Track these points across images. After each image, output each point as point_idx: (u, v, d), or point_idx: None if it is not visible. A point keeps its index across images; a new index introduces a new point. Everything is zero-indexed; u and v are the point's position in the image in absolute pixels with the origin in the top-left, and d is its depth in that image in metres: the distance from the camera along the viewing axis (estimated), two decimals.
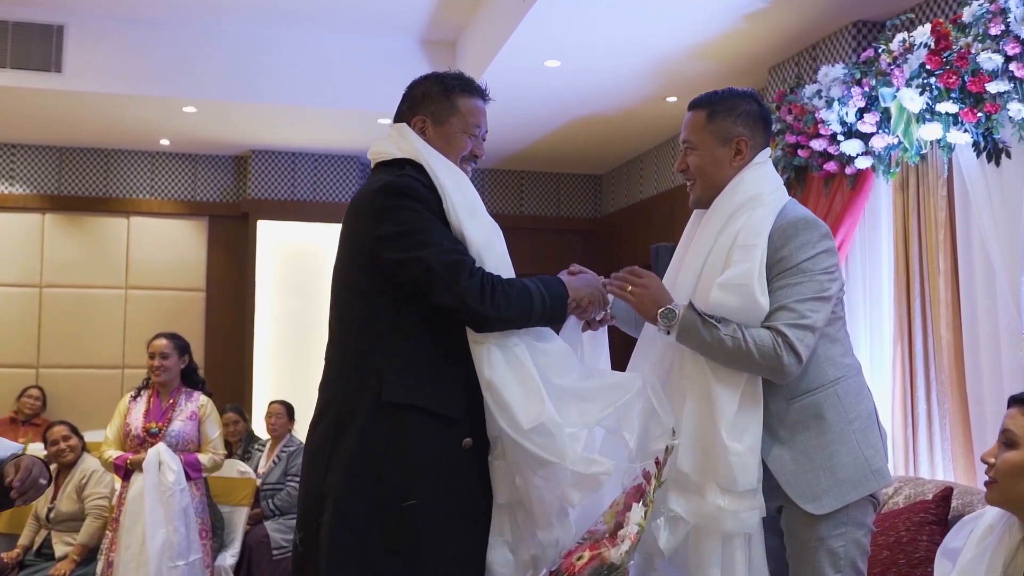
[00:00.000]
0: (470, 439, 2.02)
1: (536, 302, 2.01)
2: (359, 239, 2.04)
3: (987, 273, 3.56)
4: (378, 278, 2.01)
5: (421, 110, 2.16)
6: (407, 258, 1.96)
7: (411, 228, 1.97)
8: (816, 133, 4.35)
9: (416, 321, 2.01)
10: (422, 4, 5.87)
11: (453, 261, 1.96)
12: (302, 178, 7.81)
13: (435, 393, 1.99)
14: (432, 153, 2.09)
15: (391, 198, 1.99)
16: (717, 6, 4.59)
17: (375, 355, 2.01)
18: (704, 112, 2.21)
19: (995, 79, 3.34)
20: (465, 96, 2.18)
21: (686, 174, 2.26)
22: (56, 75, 6.04)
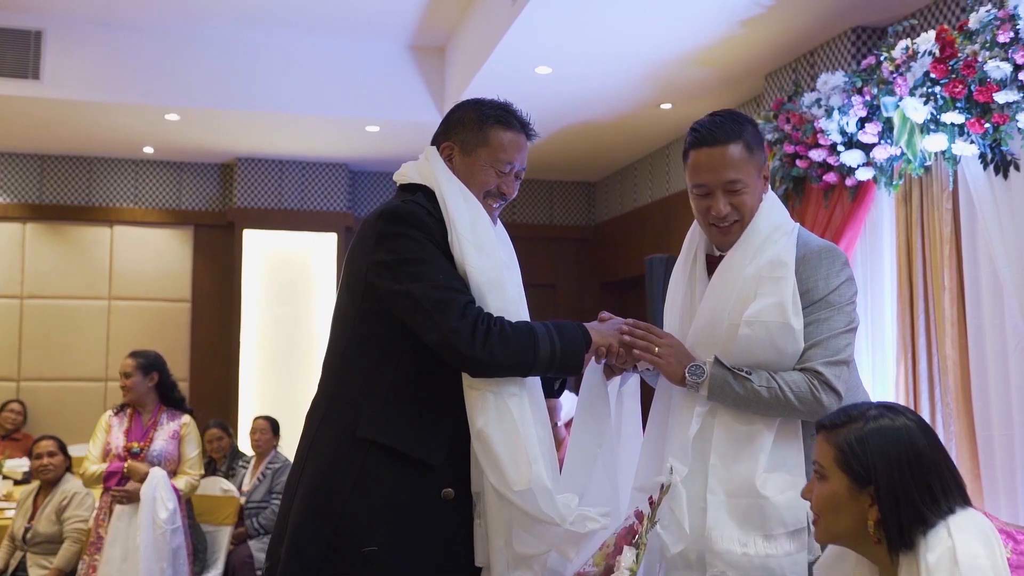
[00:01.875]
0: (451, 490, 1.88)
1: (542, 348, 1.86)
2: (357, 263, 1.96)
3: (994, 290, 3.45)
4: (370, 305, 1.91)
5: (452, 136, 2.04)
6: (398, 290, 1.85)
7: (406, 258, 1.87)
8: (815, 143, 4.23)
9: (406, 354, 1.89)
10: (410, 9, 5.76)
11: (444, 298, 1.83)
12: (289, 186, 7.68)
13: (415, 436, 1.86)
14: (449, 181, 1.97)
15: (391, 224, 1.90)
16: (714, 11, 4.49)
17: (355, 385, 1.91)
18: (741, 145, 1.99)
19: (1003, 88, 3.24)
20: (500, 128, 2.03)
21: (728, 216, 2.01)
22: (34, 82, 5.90)
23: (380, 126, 6.63)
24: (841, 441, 1.55)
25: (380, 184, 8.15)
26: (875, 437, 1.53)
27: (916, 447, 1.52)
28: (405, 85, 6.38)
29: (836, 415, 1.62)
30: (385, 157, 7.53)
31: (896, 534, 1.49)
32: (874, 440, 1.52)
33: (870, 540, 1.53)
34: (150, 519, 4.08)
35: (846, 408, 1.63)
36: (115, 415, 4.38)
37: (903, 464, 1.50)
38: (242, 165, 7.62)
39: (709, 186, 1.99)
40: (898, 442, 1.52)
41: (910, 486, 1.49)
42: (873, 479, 1.51)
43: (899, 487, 1.49)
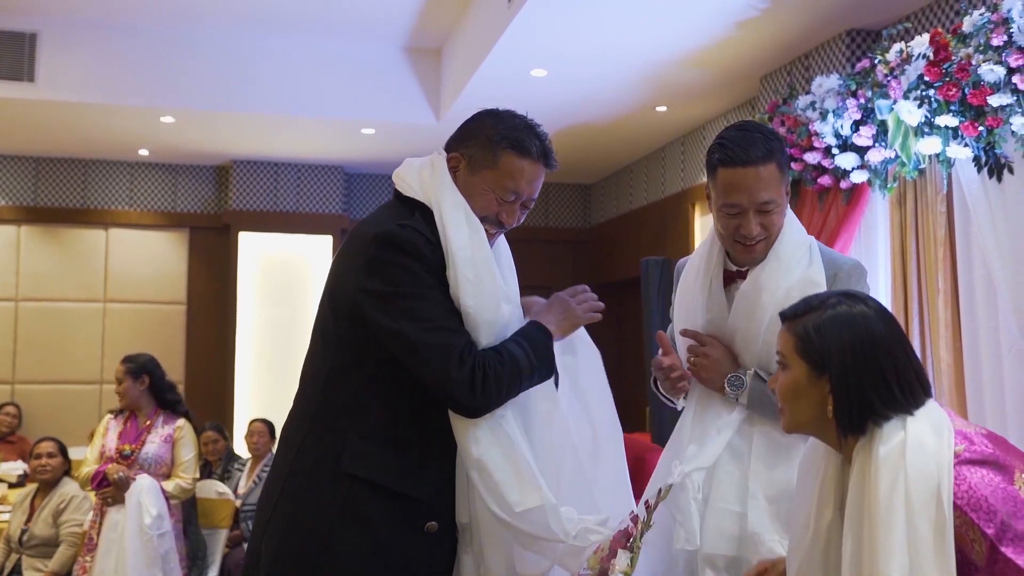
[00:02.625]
0: (435, 523, 1.82)
1: (524, 368, 1.82)
2: (343, 283, 1.84)
3: (989, 293, 3.46)
4: (357, 332, 1.81)
5: (464, 148, 1.89)
6: (392, 328, 1.76)
7: (399, 292, 1.76)
8: (810, 146, 4.24)
9: (393, 386, 1.81)
10: (406, 11, 5.75)
11: (440, 343, 1.75)
12: (285, 188, 7.68)
13: (403, 471, 1.79)
14: (453, 203, 1.83)
15: (385, 251, 1.77)
16: (709, 13, 4.49)
17: (340, 412, 1.81)
18: (774, 165, 1.92)
19: (997, 92, 3.24)
20: (513, 154, 1.86)
21: (759, 235, 1.96)
22: (29, 84, 5.89)
23: (376, 128, 6.63)
24: (800, 329, 1.57)
25: (376, 186, 8.15)
26: (832, 324, 1.54)
27: (871, 333, 1.52)
28: (401, 87, 6.38)
29: (798, 305, 1.63)
30: (381, 159, 7.53)
31: (846, 419, 1.52)
32: (830, 327, 1.54)
33: (832, 427, 1.55)
34: (136, 525, 4.07)
35: (808, 298, 1.64)
36: (114, 418, 4.41)
37: (856, 349, 1.51)
38: (238, 167, 7.61)
39: (742, 206, 1.92)
40: (853, 328, 1.53)
41: (861, 371, 1.51)
42: (828, 365, 1.53)
43: (851, 372, 1.51)
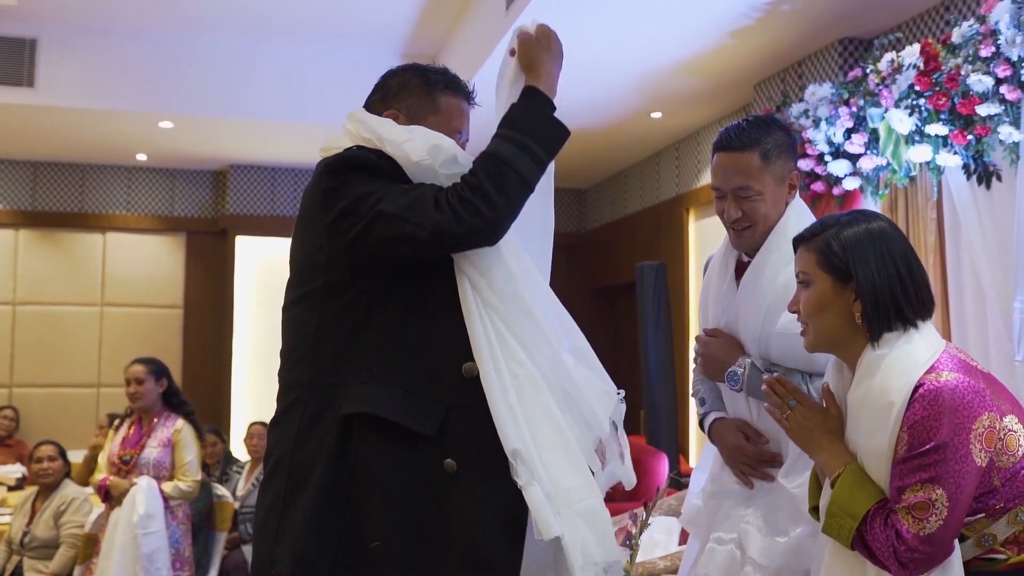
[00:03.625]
0: (452, 461, 1.64)
1: (506, 155, 1.67)
2: (309, 240, 1.75)
3: (977, 298, 3.53)
4: (337, 275, 1.70)
5: (395, 104, 1.84)
6: (362, 227, 1.64)
7: (362, 194, 1.66)
8: (803, 153, 4.30)
9: (385, 322, 1.68)
10: (403, 17, 5.80)
11: (412, 197, 1.65)
12: (282, 193, 7.73)
13: (404, 405, 1.64)
14: (386, 123, 1.75)
15: (335, 175, 1.68)
16: (703, 22, 4.55)
17: (333, 368, 1.69)
18: (756, 154, 2.01)
19: (985, 101, 3.30)
20: (449, 95, 1.87)
21: (739, 221, 2.04)
22: (28, 90, 5.93)
23: None
24: (820, 244, 1.68)
25: None
26: (851, 236, 1.65)
27: (887, 240, 1.66)
28: None
29: (811, 227, 1.73)
30: None
31: (875, 320, 1.62)
32: (851, 239, 1.65)
33: (857, 335, 1.65)
34: (125, 522, 4.08)
35: (821, 220, 1.74)
36: (119, 425, 4.40)
37: (877, 255, 1.63)
38: (235, 172, 7.66)
39: (722, 190, 2.04)
40: (872, 237, 1.65)
41: (884, 273, 1.63)
42: (853, 273, 1.63)
43: (875, 275, 1.62)
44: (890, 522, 1.54)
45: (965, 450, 1.52)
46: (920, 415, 1.53)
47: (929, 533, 1.51)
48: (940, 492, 1.51)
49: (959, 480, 1.52)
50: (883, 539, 1.53)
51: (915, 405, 1.54)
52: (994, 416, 1.56)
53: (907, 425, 1.54)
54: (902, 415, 1.55)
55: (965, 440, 1.52)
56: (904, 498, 1.53)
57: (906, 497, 1.53)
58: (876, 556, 1.56)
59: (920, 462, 1.52)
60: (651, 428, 5.56)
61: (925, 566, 1.53)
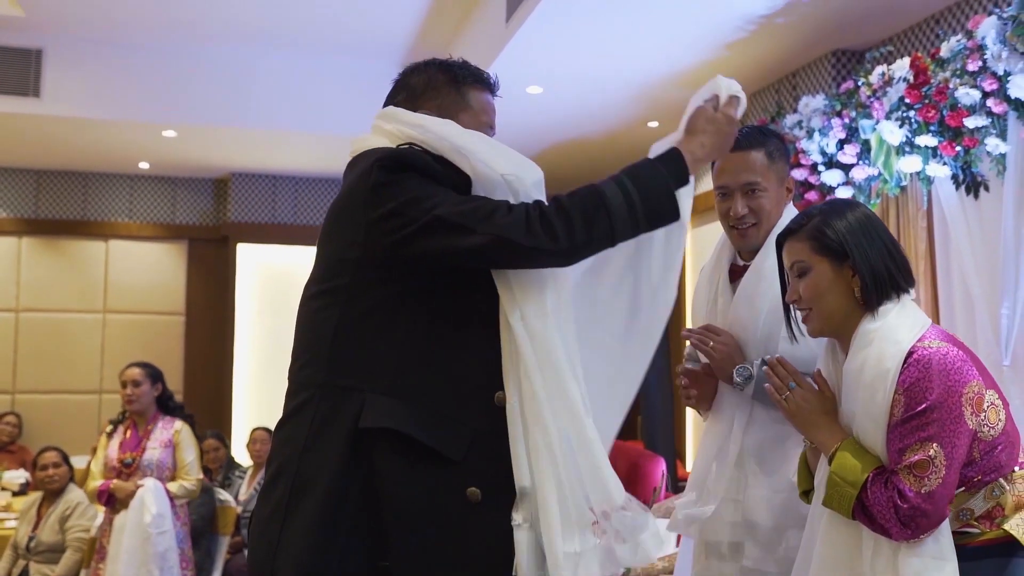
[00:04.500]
0: (477, 489, 1.53)
1: (611, 200, 1.55)
2: (344, 234, 1.62)
3: (967, 305, 3.61)
4: (370, 273, 1.58)
5: (424, 103, 1.73)
6: (419, 225, 1.52)
7: (416, 196, 1.54)
8: (797, 163, 4.39)
9: (415, 329, 1.56)
10: (404, 29, 5.88)
11: (477, 206, 1.54)
12: (283, 201, 7.80)
13: (429, 423, 1.53)
14: (435, 120, 1.65)
15: (389, 172, 1.56)
16: (699, 35, 4.64)
17: (353, 370, 1.57)
18: (763, 152, 2.08)
19: (973, 114, 3.39)
20: (477, 89, 1.78)
21: (746, 218, 2.07)
22: (34, 99, 6.00)
23: None
24: (812, 231, 1.77)
25: None
26: (837, 219, 1.76)
27: (868, 216, 1.77)
28: None
29: (795, 221, 1.83)
30: None
31: (876, 294, 1.73)
32: (836, 220, 1.76)
33: (856, 311, 1.75)
34: (136, 523, 4.12)
35: (801, 213, 1.85)
36: (113, 430, 4.42)
37: (864, 230, 1.74)
38: (236, 180, 7.73)
39: (729, 187, 2.09)
40: (855, 215, 1.76)
41: (876, 249, 1.73)
42: (849, 251, 1.73)
43: (870, 251, 1.73)
44: (891, 483, 1.61)
45: (958, 411, 1.61)
46: (914, 377, 1.62)
47: (929, 490, 1.58)
48: (937, 449, 1.59)
49: (954, 439, 1.60)
50: (884, 500, 1.60)
51: (909, 369, 1.63)
52: (980, 384, 1.65)
53: (902, 388, 1.63)
54: (896, 379, 1.64)
55: (957, 402, 1.61)
56: (905, 458, 1.61)
57: (906, 457, 1.60)
58: (876, 520, 1.62)
59: (917, 422, 1.60)
60: (648, 433, 5.64)
61: (926, 525, 1.60)
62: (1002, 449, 1.68)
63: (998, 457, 1.68)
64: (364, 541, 1.52)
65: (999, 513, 1.68)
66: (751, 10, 4.33)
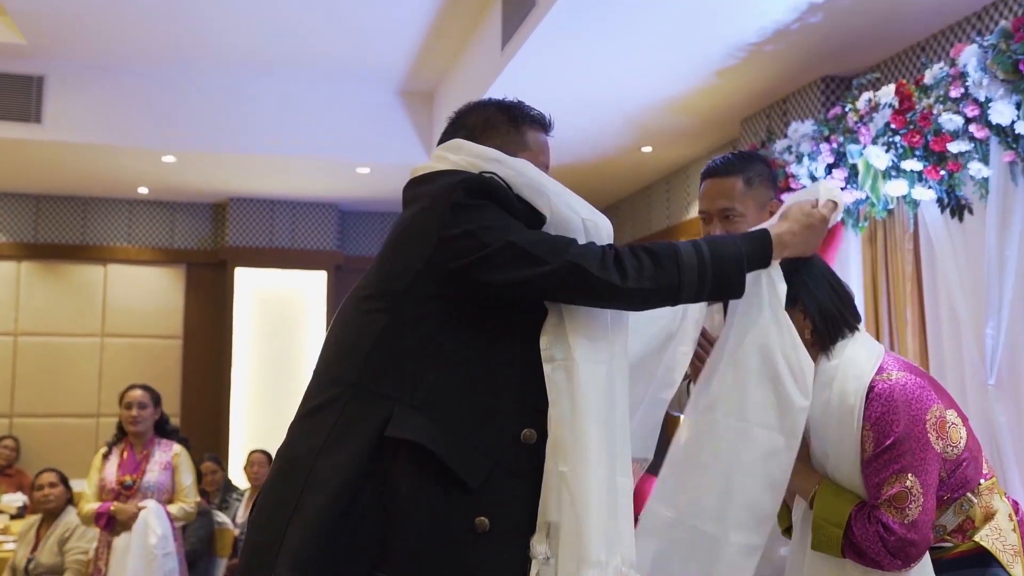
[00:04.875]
0: (486, 519, 1.52)
1: (685, 261, 1.57)
2: (412, 244, 1.62)
3: (953, 325, 3.67)
4: (425, 287, 1.59)
5: (483, 142, 1.73)
6: (494, 248, 1.54)
7: (492, 223, 1.56)
8: (787, 187, 4.47)
9: (458, 348, 1.57)
10: (401, 55, 5.98)
11: (546, 238, 1.57)
12: (280, 225, 7.87)
13: (455, 444, 1.53)
14: (507, 157, 1.66)
15: (472, 195, 1.58)
16: (691, 61, 4.73)
17: (388, 377, 1.56)
18: (740, 179, 2.14)
19: (956, 139, 3.47)
20: (535, 129, 1.80)
21: None
22: (35, 125, 6.09)
23: (370, 168, 6.83)
24: None
25: (370, 224, 8.35)
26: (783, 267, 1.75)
27: (814, 263, 1.80)
28: (395, 129, 6.61)
29: None
30: (375, 198, 7.74)
31: (828, 334, 1.77)
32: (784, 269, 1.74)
33: (812, 353, 1.76)
34: (140, 545, 4.14)
35: None
36: (108, 452, 4.42)
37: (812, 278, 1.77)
38: (235, 205, 7.80)
39: (709, 212, 2.16)
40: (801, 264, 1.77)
41: (822, 291, 1.77)
42: (796, 295, 1.75)
43: (817, 294, 1.77)
44: (874, 518, 1.65)
45: (924, 439, 1.66)
46: (879, 412, 1.67)
47: (912, 520, 1.63)
48: (913, 478, 1.64)
49: (925, 466, 1.65)
50: (871, 535, 1.64)
51: (873, 404, 1.68)
52: (940, 407, 1.71)
53: (869, 423, 1.68)
54: (862, 414, 1.69)
55: (923, 430, 1.67)
56: (884, 492, 1.65)
57: (885, 491, 1.65)
58: (867, 555, 1.66)
59: (889, 456, 1.65)
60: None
61: (915, 554, 1.64)
62: (967, 465, 1.73)
63: (964, 473, 1.73)
64: (367, 548, 1.51)
65: (970, 526, 1.74)
66: (741, 38, 4.42)
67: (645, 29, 4.32)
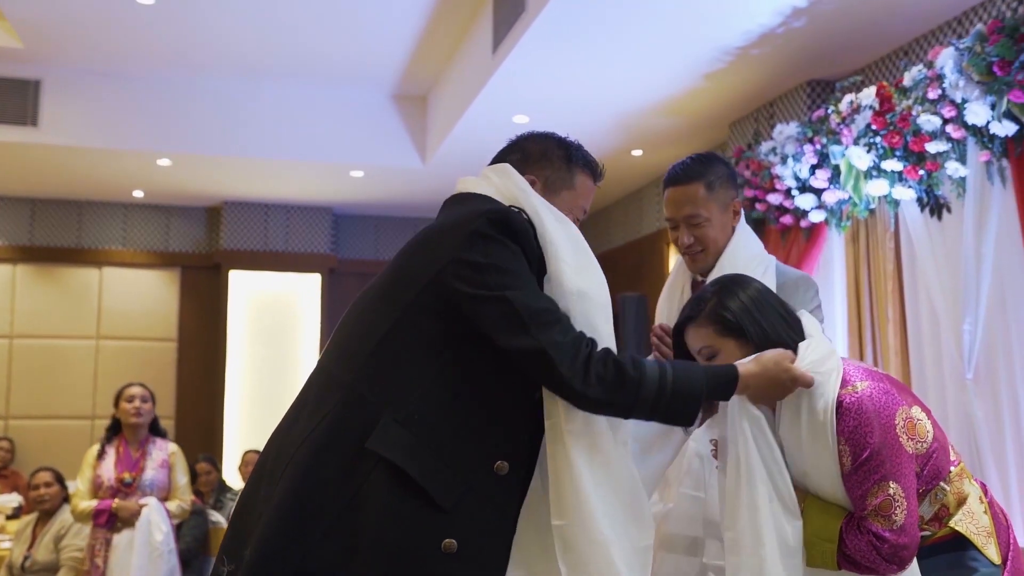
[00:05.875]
0: (454, 541, 1.56)
1: (646, 387, 1.61)
2: (429, 254, 1.68)
3: (932, 321, 3.74)
4: (429, 300, 1.64)
5: (535, 170, 1.84)
6: (487, 295, 1.59)
7: (500, 266, 1.62)
8: (772, 188, 4.54)
9: (449, 367, 1.62)
10: (394, 60, 6.04)
11: (545, 309, 1.61)
12: (274, 229, 7.92)
13: (432, 466, 1.57)
14: (541, 201, 1.74)
15: (494, 227, 1.64)
16: (678, 65, 4.79)
17: (380, 384, 1.61)
18: (702, 184, 2.22)
19: (934, 139, 3.55)
20: (585, 174, 1.90)
21: (693, 247, 2.24)
22: (32, 129, 6.14)
23: (364, 171, 6.90)
24: (711, 315, 1.83)
25: (364, 227, 8.41)
26: (730, 299, 1.82)
27: (761, 294, 1.84)
28: (389, 132, 6.67)
29: (690, 309, 1.88)
30: (368, 201, 7.81)
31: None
32: (731, 301, 1.82)
33: None
34: (145, 542, 4.18)
35: (693, 298, 1.90)
36: (102, 450, 4.43)
37: (759, 307, 1.81)
38: (229, 208, 7.85)
39: (675, 219, 2.25)
40: (746, 292, 1.83)
41: (769, 320, 1.81)
42: (744, 328, 1.79)
43: (764, 324, 1.80)
44: (864, 528, 1.69)
45: (897, 444, 1.72)
46: (852, 426, 1.71)
47: (901, 525, 1.67)
48: (895, 485, 1.69)
49: (903, 470, 1.71)
50: (864, 546, 1.68)
51: (844, 418, 1.72)
52: (905, 408, 1.76)
53: (844, 438, 1.72)
54: (835, 429, 1.72)
55: (894, 437, 1.72)
56: (868, 503, 1.69)
57: (870, 501, 1.69)
58: (862, 564, 1.70)
59: (868, 467, 1.69)
60: None
61: (909, 556, 1.69)
62: (937, 455, 1.79)
63: (935, 464, 1.79)
64: (334, 549, 1.55)
65: (945, 513, 1.80)
66: (727, 41, 4.49)
67: (633, 33, 4.39)
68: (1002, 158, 3.36)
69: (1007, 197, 3.37)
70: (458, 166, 6.65)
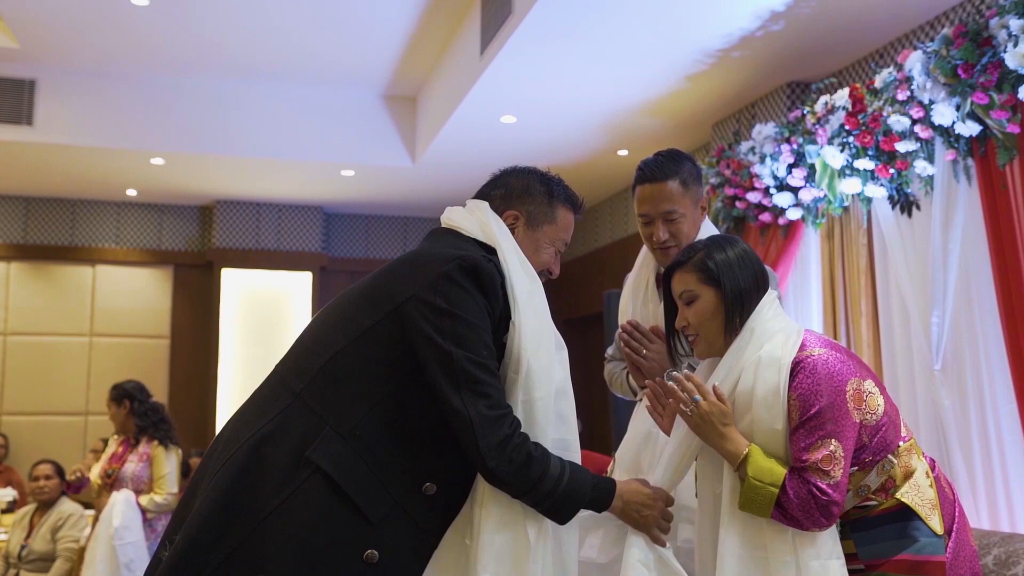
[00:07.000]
0: (376, 552, 1.66)
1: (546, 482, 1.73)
2: (398, 282, 1.77)
3: (902, 315, 3.86)
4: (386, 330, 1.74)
5: (518, 205, 1.93)
6: (435, 341, 1.69)
7: (458, 315, 1.70)
8: (751, 186, 4.66)
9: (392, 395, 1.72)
10: (384, 60, 6.14)
11: (483, 379, 1.70)
12: (266, 227, 8.01)
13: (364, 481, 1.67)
14: (514, 252, 1.84)
15: (464, 276, 1.73)
16: (660, 67, 4.90)
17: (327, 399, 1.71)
18: (677, 181, 2.29)
19: (904, 139, 3.67)
20: (567, 208, 1.98)
21: (667, 242, 2.30)
22: (27, 127, 6.22)
23: (355, 171, 6.99)
24: (697, 263, 1.98)
25: (354, 225, 8.50)
26: (718, 252, 1.97)
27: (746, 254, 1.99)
28: (378, 132, 6.77)
29: (682, 255, 2.03)
30: (359, 200, 7.91)
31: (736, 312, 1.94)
32: (718, 254, 1.97)
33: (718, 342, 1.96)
34: (104, 534, 4.33)
35: (686, 248, 2.06)
36: (116, 441, 4.70)
37: (741, 265, 1.96)
38: (221, 207, 7.94)
39: (651, 215, 2.30)
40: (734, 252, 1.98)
41: (745, 276, 1.96)
42: (721, 280, 1.95)
43: (739, 278, 1.95)
44: (804, 479, 1.80)
45: (844, 408, 1.84)
46: (804, 384, 1.84)
47: (836, 481, 1.79)
48: (836, 444, 1.81)
49: (846, 433, 1.83)
50: (805, 494, 1.79)
51: (798, 376, 1.85)
52: (859, 380, 1.89)
53: (795, 395, 1.85)
54: (787, 387, 1.85)
55: (843, 401, 1.84)
56: (810, 456, 1.80)
57: (812, 455, 1.80)
58: (792, 514, 1.80)
59: (815, 423, 1.82)
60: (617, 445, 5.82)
61: (837, 512, 1.81)
62: (886, 429, 1.90)
63: (884, 436, 1.90)
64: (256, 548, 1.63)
65: (891, 484, 1.90)
66: (708, 44, 4.60)
67: (618, 35, 4.49)
68: (967, 157, 3.49)
69: (972, 194, 3.50)
70: (447, 165, 6.76)
